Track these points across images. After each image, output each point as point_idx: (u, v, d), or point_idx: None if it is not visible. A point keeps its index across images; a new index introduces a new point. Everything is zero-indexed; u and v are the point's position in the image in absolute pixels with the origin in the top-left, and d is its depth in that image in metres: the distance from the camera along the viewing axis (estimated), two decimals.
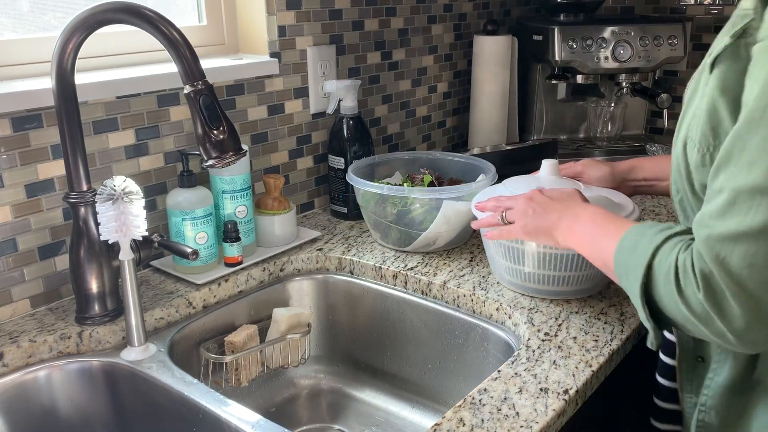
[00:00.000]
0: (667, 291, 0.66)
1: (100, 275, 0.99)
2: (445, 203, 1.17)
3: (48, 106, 1.00)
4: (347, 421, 1.20)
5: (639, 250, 0.71)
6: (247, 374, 1.10)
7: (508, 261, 1.05)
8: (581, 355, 0.91)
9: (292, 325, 1.14)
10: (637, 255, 0.71)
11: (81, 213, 0.97)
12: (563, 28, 1.60)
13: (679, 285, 0.65)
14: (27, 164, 1.01)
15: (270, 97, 1.34)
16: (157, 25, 0.85)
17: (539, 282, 1.04)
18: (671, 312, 0.68)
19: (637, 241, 0.72)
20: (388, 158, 1.42)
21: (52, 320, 1.01)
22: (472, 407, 0.81)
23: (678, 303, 0.65)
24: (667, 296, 0.67)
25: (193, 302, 1.09)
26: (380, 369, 1.23)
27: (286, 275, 1.23)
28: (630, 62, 1.59)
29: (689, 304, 0.64)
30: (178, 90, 1.17)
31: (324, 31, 1.42)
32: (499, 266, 1.09)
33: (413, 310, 1.15)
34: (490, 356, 1.06)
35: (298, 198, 1.44)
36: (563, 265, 1.01)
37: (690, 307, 0.64)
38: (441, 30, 1.73)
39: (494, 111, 1.75)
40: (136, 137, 1.14)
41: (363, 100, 1.55)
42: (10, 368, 0.94)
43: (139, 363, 0.95)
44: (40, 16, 1.12)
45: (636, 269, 0.70)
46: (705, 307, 0.62)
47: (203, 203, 1.12)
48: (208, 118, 0.87)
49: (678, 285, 0.65)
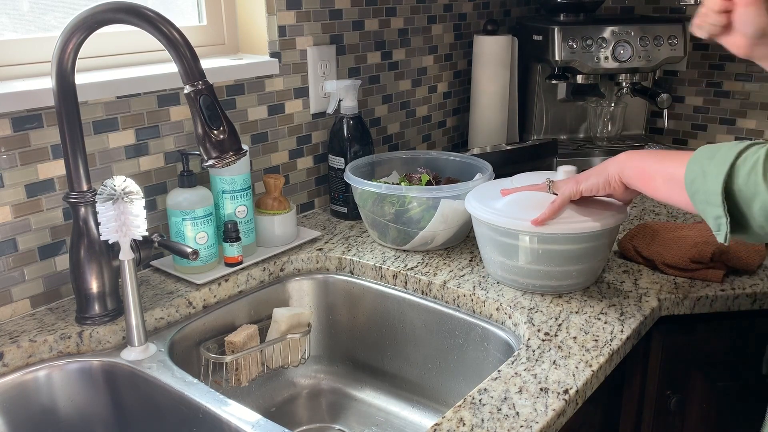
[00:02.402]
0: (751, 183, 0.70)
1: (100, 275, 0.99)
2: (443, 202, 1.17)
3: (48, 106, 1.00)
4: (347, 421, 1.20)
5: (720, 155, 0.74)
6: (247, 374, 1.10)
7: (502, 257, 1.05)
8: (581, 355, 0.91)
9: (292, 325, 1.14)
10: (718, 158, 0.74)
11: (81, 213, 0.98)
12: (563, 28, 1.60)
13: (766, 173, 0.69)
14: (27, 164, 1.01)
15: (270, 97, 1.34)
16: (157, 25, 0.85)
17: (533, 277, 1.04)
18: (748, 205, 0.71)
19: (716, 151, 0.75)
20: (387, 158, 1.42)
21: (52, 320, 1.01)
22: (472, 407, 0.81)
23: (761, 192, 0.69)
24: (749, 189, 0.71)
25: (193, 302, 1.09)
26: (380, 369, 1.23)
27: (286, 275, 1.23)
28: (630, 62, 1.59)
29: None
30: (178, 90, 1.17)
31: (324, 31, 1.42)
32: (493, 263, 1.09)
33: (413, 310, 1.15)
34: (490, 356, 1.06)
35: (298, 198, 1.44)
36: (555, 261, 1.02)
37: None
38: (441, 30, 1.73)
39: (494, 111, 1.75)
40: (136, 137, 1.14)
41: (363, 100, 1.55)
42: (10, 368, 0.94)
43: (139, 363, 0.95)
44: (40, 16, 1.12)
45: (718, 167, 0.73)
46: None
47: (203, 203, 1.12)
48: (208, 118, 0.87)
49: (765, 175, 0.69)
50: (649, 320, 1.02)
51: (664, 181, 0.84)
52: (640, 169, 0.89)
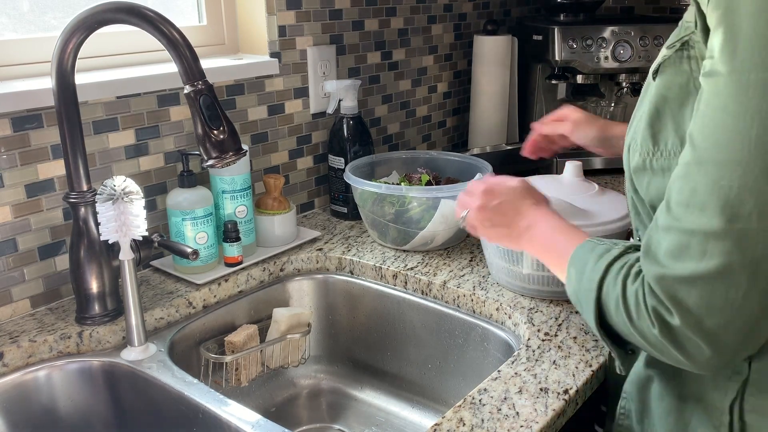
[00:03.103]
0: (620, 321, 0.67)
1: (100, 275, 0.99)
2: (443, 202, 1.17)
3: (48, 106, 1.00)
4: (347, 421, 1.20)
5: (584, 282, 0.71)
6: (247, 374, 1.10)
7: (507, 263, 1.05)
8: (581, 355, 0.91)
9: (292, 325, 1.14)
10: (584, 288, 0.71)
11: (81, 213, 0.97)
12: (563, 28, 1.60)
13: (630, 318, 0.65)
14: (27, 164, 1.01)
15: (270, 97, 1.34)
16: (157, 25, 0.85)
17: (538, 283, 1.04)
18: (629, 338, 0.68)
19: (582, 272, 0.72)
20: (387, 158, 1.42)
21: (52, 320, 1.01)
22: (472, 407, 0.81)
23: (633, 334, 0.65)
24: (621, 326, 0.67)
25: (193, 302, 1.09)
26: (380, 369, 1.23)
27: (286, 275, 1.23)
28: (630, 62, 1.60)
29: (645, 336, 0.64)
30: (178, 90, 1.17)
31: (324, 31, 1.42)
32: (497, 268, 1.09)
33: (413, 310, 1.15)
34: (490, 356, 1.06)
35: (298, 198, 1.44)
36: None
37: (646, 339, 0.64)
38: (441, 30, 1.73)
39: (494, 111, 1.75)
40: (136, 137, 1.14)
41: (363, 100, 1.55)
42: (10, 368, 0.94)
43: (139, 363, 0.95)
44: (40, 16, 1.12)
45: (588, 302, 0.70)
46: (661, 341, 0.62)
47: (203, 203, 1.12)
48: (208, 118, 0.87)
49: (630, 318, 0.65)
50: None
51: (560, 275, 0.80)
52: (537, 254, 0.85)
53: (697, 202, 0.58)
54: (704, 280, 0.58)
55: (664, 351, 0.63)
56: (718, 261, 0.57)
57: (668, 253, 0.61)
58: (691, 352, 0.61)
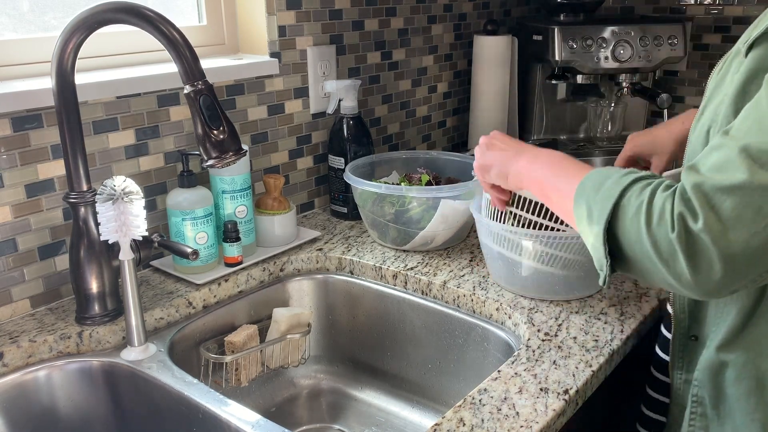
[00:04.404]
0: (634, 227, 0.67)
1: (100, 275, 0.99)
2: (443, 202, 1.17)
3: (48, 106, 1.00)
4: (347, 421, 1.20)
5: (605, 189, 0.71)
6: (247, 374, 1.10)
7: (505, 265, 1.05)
8: (581, 355, 0.91)
9: (292, 325, 1.14)
10: (603, 194, 0.71)
11: (81, 213, 0.97)
12: (563, 28, 1.60)
13: (650, 223, 0.65)
14: (27, 164, 1.01)
15: (270, 97, 1.34)
16: (157, 25, 0.85)
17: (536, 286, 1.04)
18: (632, 248, 0.68)
19: (602, 182, 0.72)
20: (387, 158, 1.42)
21: (52, 320, 1.01)
22: (472, 407, 0.81)
23: (644, 239, 0.66)
24: (632, 232, 0.67)
25: (193, 302, 1.09)
26: (380, 369, 1.23)
27: (286, 275, 1.23)
28: (630, 62, 1.59)
29: (656, 241, 0.65)
30: (178, 90, 1.17)
31: (324, 31, 1.42)
32: (497, 270, 1.09)
33: (413, 310, 1.15)
34: (490, 356, 1.06)
35: (298, 198, 1.44)
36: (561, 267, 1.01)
37: (656, 245, 0.65)
38: (441, 30, 1.73)
39: (494, 111, 1.75)
40: (136, 137, 1.14)
41: (363, 100, 1.55)
42: (10, 368, 0.94)
43: (139, 363, 0.95)
44: (40, 16, 1.12)
45: (602, 206, 0.70)
46: (674, 246, 0.63)
47: (203, 203, 1.12)
48: (208, 118, 0.87)
49: (648, 222, 0.66)
50: (649, 320, 1.02)
51: (559, 205, 0.81)
52: (538, 183, 0.85)
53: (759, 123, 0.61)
54: (742, 191, 0.60)
55: (671, 260, 0.64)
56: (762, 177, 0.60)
57: (713, 166, 0.63)
58: (699, 264, 0.62)
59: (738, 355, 0.77)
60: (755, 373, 0.76)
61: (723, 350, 0.78)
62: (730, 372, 0.78)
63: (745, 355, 0.76)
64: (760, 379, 0.75)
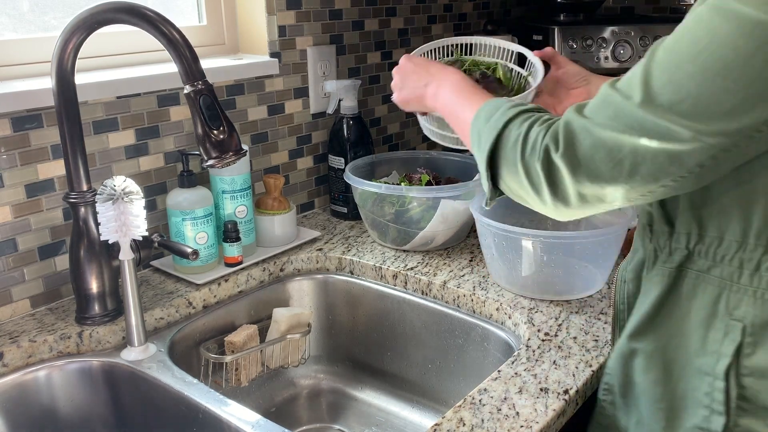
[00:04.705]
0: (510, 156, 0.74)
1: (100, 275, 0.99)
2: (443, 202, 1.17)
3: (48, 106, 1.00)
4: (347, 421, 1.20)
5: (492, 120, 0.77)
6: (247, 374, 1.10)
7: (505, 265, 1.05)
8: (581, 355, 0.91)
9: (292, 325, 1.14)
10: (490, 125, 0.77)
11: (81, 213, 0.97)
12: (563, 28, 1.60)
13: (524, 153, 0.72)
14: (27, 164, 1.01)
15: (270, 97, 1.34)
16: (157, 25, 0.85)
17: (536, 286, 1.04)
18: (509, 174, 0.75)
19: (492, 113, 0.78)
20: (387, 157, 1.42)
21: (52, 320, 1.01)
22: (472, 407, 0.81)
23: (518, 167, 0.72)
24: (509, 160, 0.74)
25: (193, 302, 1.09)
26: (380, 369, 1.23)
27: (286, 275, 1.23)
28: (630, 62, 1.59)
29: (527, 169, 0.71)
30: (178, 90, 1.17)
31: (324, 31, 1.42)
32: (497, 270, 1.09)
33: (413, 310, 1.15)
34: (490, 356, 1.06)
35: (298, 198, 1.44)
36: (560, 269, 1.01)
37: (528, 172, 0.71)
38: (441, 30, 1.73)
39: None
40: (136, 137, 1.14)
41: (363, 100, 1.55)
42: (10, 368, 0.94)
43: (139, 363, 0.95)
44: (40, 16, 1.12)
45: (488, 135, 0.77)
46: (540, 174, 0.70)
47: (203, 203, 1.12)
48: (208, 118, 0.87)
49: (523, 153, 0.72)
50: None
51: (460, 130, 0.87)
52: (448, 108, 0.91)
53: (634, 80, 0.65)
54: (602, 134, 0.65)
55: (538, 187, 0.71)
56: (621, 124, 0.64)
57: (592, 106, 0.68)
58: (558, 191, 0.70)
59: (647, 343, 0.78)
60: (663, 362, 0.76)
61: (634, 338, 0.79)
62: (639, 360, 0.79)
63: (654, 343, 0.77)
64: (668, 369, 0.76)
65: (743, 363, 0.69)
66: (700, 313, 0.72)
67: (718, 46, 0.60)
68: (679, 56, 0.62)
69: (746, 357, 0.69)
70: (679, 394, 0.75)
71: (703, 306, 0.72)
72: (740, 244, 0.69)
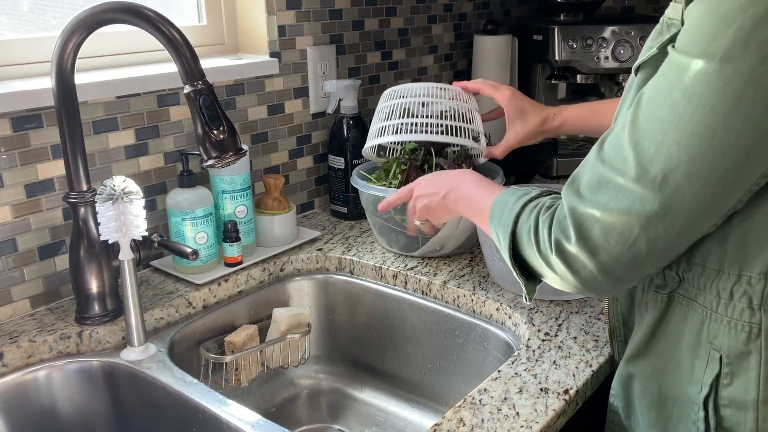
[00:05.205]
0: (529, 253, 0.73)
1: (100, 275, 0.99)
2: None
3: (48, 106, 1.00)
4: (347, 421, 1.20)
5: (504, 218, 0.77)
6: (247, 374, 1.10)
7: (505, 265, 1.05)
8: (581, 355, 0.91)
9: (292, 325, 1.14)
10: (503, 222, 0.77)
11: (81, 213, 0.97)
12: (563, 28, 1.60)
13: (538, 247, 0.71)
14: (27, 164, 1.01)
15: (270, 97, 1.34)
16: (157, 25, 0.85)
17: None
18: (534, 268, 0.75)
19: (503, 209, 0.78)
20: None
21: (52, 320, 1.01)
22: (472, 407, 0.81)
23: (539, 262, 0.72)
24: (530, 256, 0.74)
25: (193, 302, 1.09)
26: (380, 369, 1.23)
27: (286, 275, 1.23)
28: (630, 62, 1.59)
29: (548, 262, 0.70)
30: (178, 90, 1.17)
31: (324, 31, 1.42)
32: (497, 270, 1.09)
33: (413, 310, 1.15)
34: (490, 356, 1.06)
35: (298, 198, 1.44)
36: None
37: (549, 265, 0.71)
38: (441, 30, 1.73)
39: None
40: (136, 137, 1.14)
41: (363, 100, 1.55)
42: (10, 368, 0.94)
43: (139, 363, 0.95)
44: (40, 16, 1.12)
45: (504, 234, 0.77)
46: (560, 265, 0.69)
47: (203, 203, 1.12)
48: (208, 118, 0.87)
49: (538, 247, 0.71)
50: None
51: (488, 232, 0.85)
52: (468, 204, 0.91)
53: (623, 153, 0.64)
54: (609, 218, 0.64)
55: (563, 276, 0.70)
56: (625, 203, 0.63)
57: (588, 185, 0.67)
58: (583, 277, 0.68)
59: (643, 367, 0.77)
60: (657, 388, 0.76)
61: (631, 362, 0.79)
62: (636, 384, 0.79)
63: (650, 368, 0.76)
64: (662, 394, 0.75)
65: (721, 393, 0.69)
66: (690, 340, 0.72)
67: (695, 109, 0.59)
68: (661, 124, 0.61)
69: (724, 387, 0.69)
70: (673, 421, 0.74)
71: (691, 333, 0.71)
72: (717, 273, 0.68)
